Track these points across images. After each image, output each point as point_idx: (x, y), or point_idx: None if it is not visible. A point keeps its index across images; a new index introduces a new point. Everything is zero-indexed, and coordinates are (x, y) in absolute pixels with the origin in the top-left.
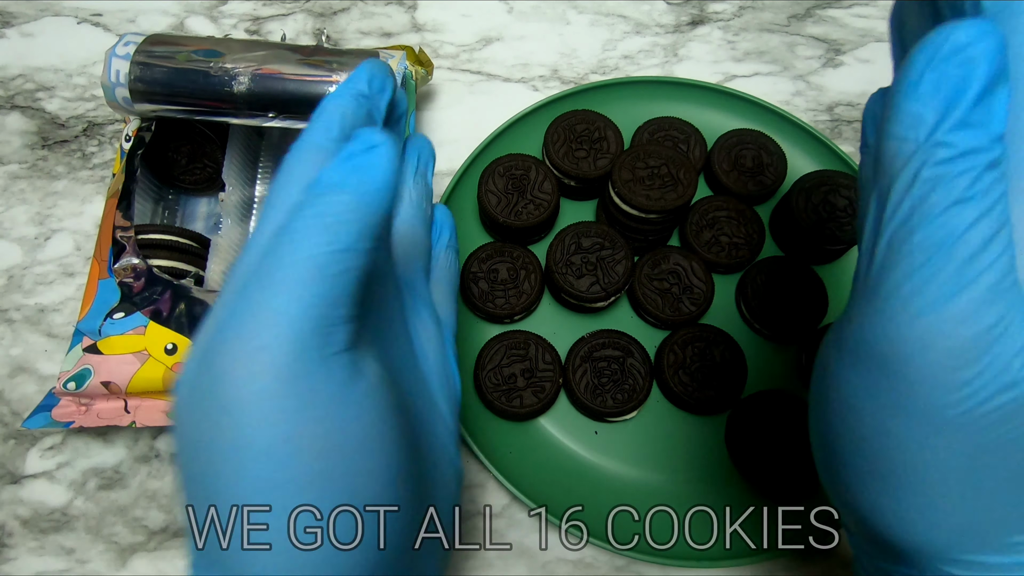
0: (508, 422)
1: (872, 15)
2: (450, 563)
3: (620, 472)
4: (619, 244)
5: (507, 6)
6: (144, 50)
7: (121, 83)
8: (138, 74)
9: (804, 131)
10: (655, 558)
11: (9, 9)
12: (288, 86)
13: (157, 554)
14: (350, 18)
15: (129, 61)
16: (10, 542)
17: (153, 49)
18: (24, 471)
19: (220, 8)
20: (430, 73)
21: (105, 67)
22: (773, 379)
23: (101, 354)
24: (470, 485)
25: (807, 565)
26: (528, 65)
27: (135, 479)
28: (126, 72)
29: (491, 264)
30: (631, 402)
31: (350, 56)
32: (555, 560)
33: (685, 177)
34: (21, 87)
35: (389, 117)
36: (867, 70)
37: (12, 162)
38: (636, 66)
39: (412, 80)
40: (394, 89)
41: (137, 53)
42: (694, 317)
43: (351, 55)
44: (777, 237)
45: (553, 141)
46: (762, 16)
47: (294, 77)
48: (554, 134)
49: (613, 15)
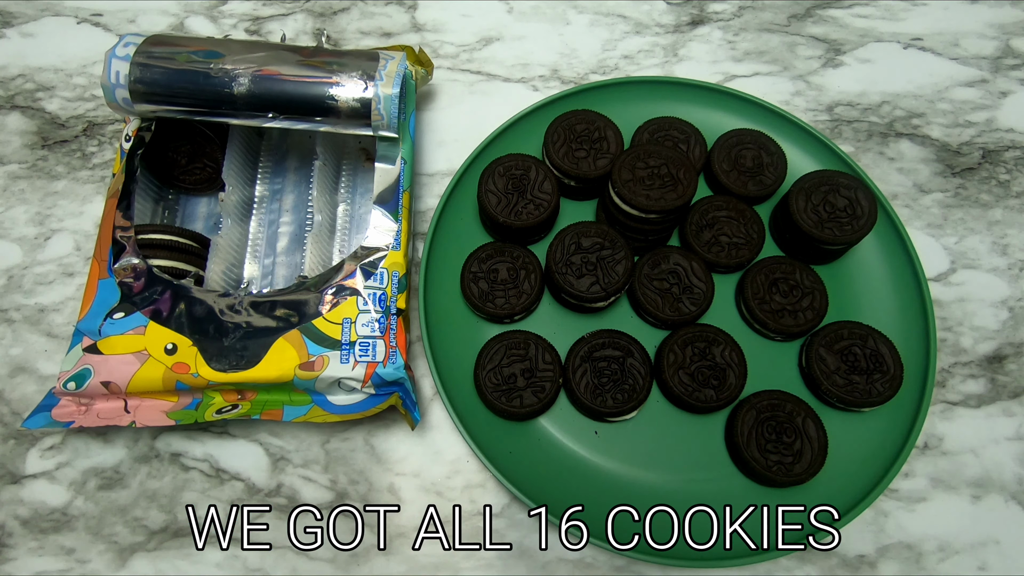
0: (508, 422)
1: (872, 15)
2: (451, 563)
3: (620, 472)
4: (619, 244)
5: (507, 6)
6: (144, 51)
7: (121, 84)
8: (138, 75)
9: (804, 131)
10: (655, 558)
11: (9, 9)
12: (288, 87)
13: (157, 554)
14: (350, 18)
15: (129, 62)
16: (10, 542)
17: (153, 50)
18: (24, 471)
19: (220, 8)
20: (430, 73)
21: (105, 68)
22: (773, 379)
23: (101, 354)
24: (470, 485)
25: (807, 565)
26: (528, 65)
27: (135, 479)
28: (126, 73)
29: (491, 264)
30: (631, 402)
31: (350, 57)
32: (555, 560)
33: (685, 177)
34: (21, 87)
35: None
36: (867, 70)
37: (12, 162)
38: (636, 66)
39: (412, 80)
40: None
41: (137, 54)
42: (694, 317)
43: (351, 56)
44: (777, 237)
45: (553, 141)
46: (762, 16)
47: (294, 78)
48: (554, 134)
49: (613, 15)
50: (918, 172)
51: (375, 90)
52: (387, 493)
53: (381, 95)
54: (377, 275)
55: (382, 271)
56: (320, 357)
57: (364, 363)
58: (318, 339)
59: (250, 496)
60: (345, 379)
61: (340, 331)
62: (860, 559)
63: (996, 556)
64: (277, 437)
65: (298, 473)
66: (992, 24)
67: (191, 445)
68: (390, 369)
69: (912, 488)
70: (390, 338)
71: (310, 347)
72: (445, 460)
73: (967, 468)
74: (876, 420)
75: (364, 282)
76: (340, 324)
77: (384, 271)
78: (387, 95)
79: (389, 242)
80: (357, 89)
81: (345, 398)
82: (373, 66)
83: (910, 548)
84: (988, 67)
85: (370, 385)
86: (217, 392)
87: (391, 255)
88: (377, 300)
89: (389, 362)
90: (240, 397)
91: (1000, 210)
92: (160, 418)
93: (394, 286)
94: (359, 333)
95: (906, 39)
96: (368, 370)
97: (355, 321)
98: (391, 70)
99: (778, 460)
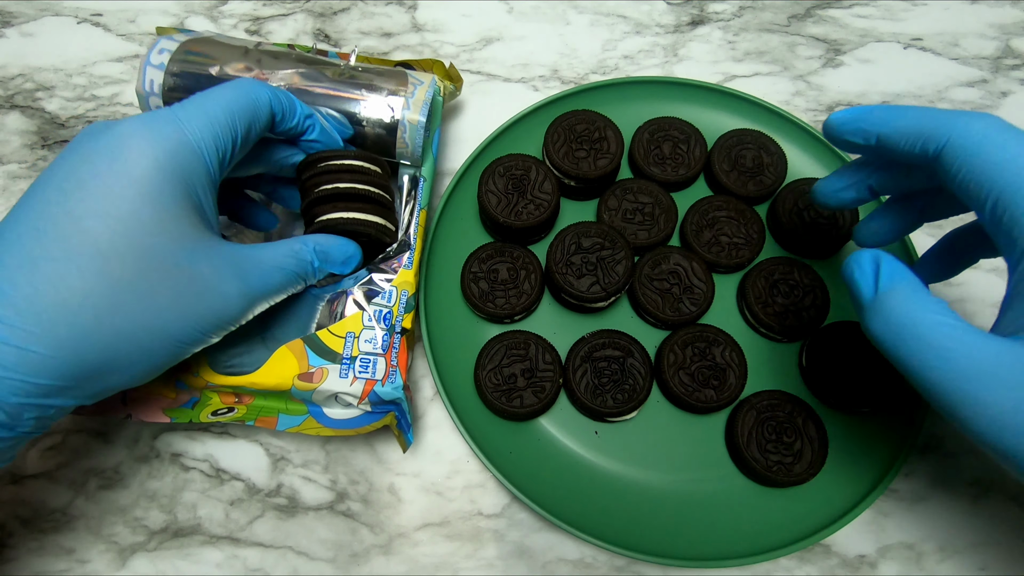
0: (508, 422)
1: (872, 15)
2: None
3: (620, 472)
4: (619, 244)
5: (507, 6)
6: (179, 59)
7: (155, 93)
8: (172, 85)
9: (804, 131)
10: (655, 558)
11: (9, 9)
12: (316, 102)
13: (157, 554)
14: (350, 18)
15: (163, 71)
16: (10, 542)
17: (187, 59)
18: (24, 471)
19: (220, 8)
20: (459, 89)
21: (140, 76)
22: (773, 379)
23: None
24: (470, 485)
25: (807, 565)
26: (528, 65)
27: (135, 479)
28: (160, 82)
29: (491, 264)
30: (631, 402)
31: (381, 78)
32: (555, 560)
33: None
34: (21, 87)
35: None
36: (867, 70)
37: (12, 162)
38: (636, 66)
39: (439, 97)
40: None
41: (171, 63)
42: (694, 317)
43: (382, 76)
44: (777, 237)
45: (553, 141)
46: (762, 16)
47: (323, 92)
48: (554, 134)
49: (613, 15)
50: None
51: (402, 117)
52: (387, 493)
53: (407, 123)
54: (386, 293)
55: (391, 289)
56: (320, 369)
57: (363, 379)
58: (320, 351)
59: (250, 496)
60: (342, 394)
61: (343, 345)
62: (860, 559)
63: (996, 556)
64: (277, 437)
65: (298, 473)
66: (992, 24)
67: (191, 445)
68: (388, 388)
69: (912, 488)
70: (392, 357)
71: (311, 358)
72: (445, 460)
73: (967, 468)
74: (876, 420)
75: (372, 298)
76: (343, 338)
77: (393, 289)
78: (413, 124)
79: (401, 261)
80: (384, 114)
81: (341, 412)
82: (402, 90)
83: (910, 548)
84: (988, 67)
85: (367, 402)
86: (215, 393)
87: (402, 273)
88: (382, 318)
89: (388, 381)
90: (237, 400)
91: None
92: (156, 414)
93: (401, 305)
94: (361, 349)
95: (906, 39)
96: (366, 387)
97: (359, 336)
98: (419, 97)
99: (778, 460)
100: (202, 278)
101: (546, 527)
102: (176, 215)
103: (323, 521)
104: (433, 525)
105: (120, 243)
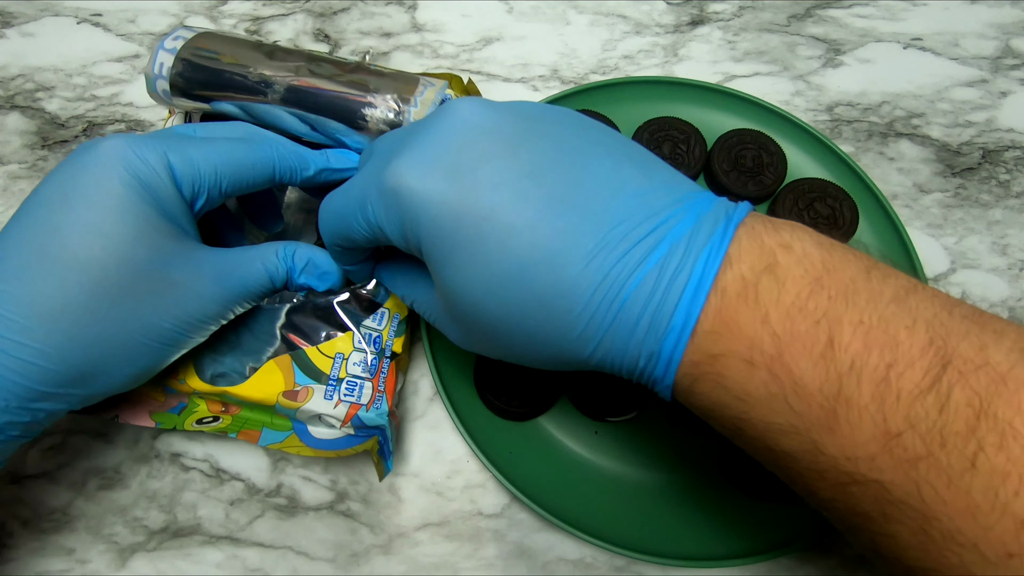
0: (508, 422)
1: (872, 15)
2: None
3: (620, 472)
4: None
5: (507, 6)
6: (190, 47)
7: (163, 76)
8: (179, 70)
9: (804, 131)
10: (655, 558)
11: (9, 9)
12: (320, 101)
13: (157, 554)
14: (350, 18)
15: (174, 55)
16: (10, 542)
17: (199, 49)
18: (24, 471)
19: (220, 8)
20: None
21: (152, 57)
22: None
23: None
24: (470, 485)
25: (807, 565)
26: (528, 65)
27: (135, 479)
28: (169, 66)
29: None
30: (631, 402)
31: (389, 79)
32: (555, 560)
33: None
34: (21, 87)
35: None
36: (867, 70)
37: (12, 162)
38: (636, 66)
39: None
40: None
41: (183, 50)
42: None
43: (390, 78)
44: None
45: None
46: (762, 16)
47: (328, 92)
48: None
49: (613, 15)
50: (918, 172)
51: (407, 116)
52: (387, 493)
53: (412, 121)
54: (377, 315)
55: (383, 311)
56: (305, 388)
57: (347, 403)
58: (307, 369)
59: (250, 496)
60: (326, 415)
61: (331, 365)
62: (860, 559)
63: None
64: None
65: (298, 473)
66: (992, 24)
67: (191, 445)
68: (372, 414)
69: None
70: (379, 381)
71: (298, 376)
72: (445, 460)
73: None
74: None
75: (363, 320)
76: (332, 358)
77: (385, 311)
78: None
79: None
80: (389, 112)
81: (325, 432)
82: (411, 90)
83: None
84: (988, 67)
85: (349, 426)
86: (203, 400)
87: (394, 296)
88: (372, 341)
89: (373, 406)
90: (224, 409)
91: (1000, 210)
92: (143, 418)
93: (392, 328)
94: (349, 371)
95: (906, 39)
96: (350, 411)
97: (347, 358)
98: (427, 97)
99: None
100: (181, 283)
101: (546, 527)
102: (155, 225)
103: (323, 521)
104: (433, 525)
105: (99, 253)
